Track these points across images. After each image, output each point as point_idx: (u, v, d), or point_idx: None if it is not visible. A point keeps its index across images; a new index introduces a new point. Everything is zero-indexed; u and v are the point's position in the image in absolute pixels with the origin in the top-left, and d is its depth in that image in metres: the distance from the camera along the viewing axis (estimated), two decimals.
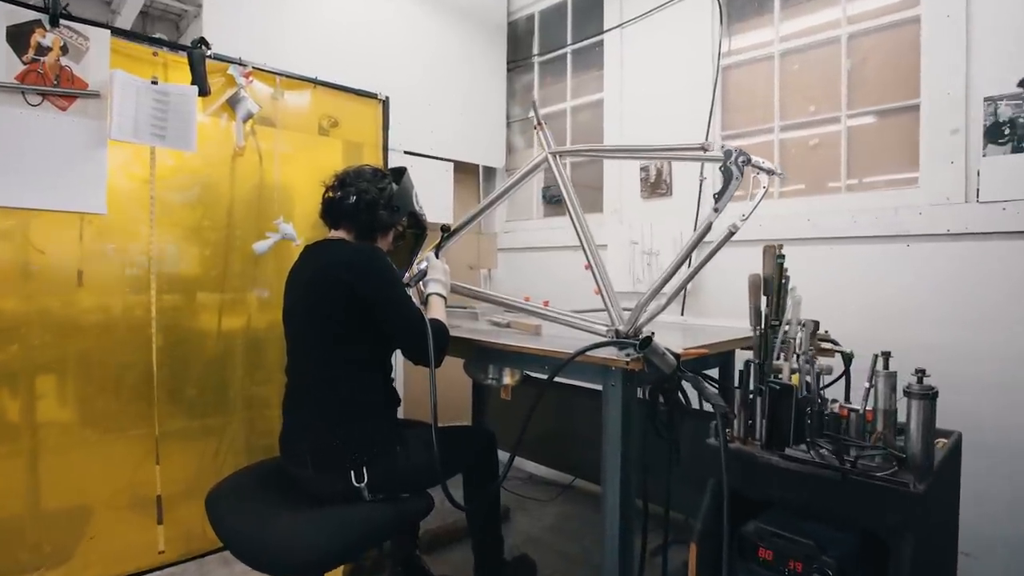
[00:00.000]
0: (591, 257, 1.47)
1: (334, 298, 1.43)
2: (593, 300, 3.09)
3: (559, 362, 1.36)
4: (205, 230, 2.24)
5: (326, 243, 1.57)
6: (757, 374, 1.21)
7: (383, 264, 1.46)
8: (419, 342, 1.44)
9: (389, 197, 1.59)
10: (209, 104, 2.25)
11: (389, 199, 1.59)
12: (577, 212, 1.51)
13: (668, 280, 1.37)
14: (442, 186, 3.06)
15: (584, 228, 1.50)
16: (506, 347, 1.50)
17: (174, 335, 2.15)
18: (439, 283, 1.71)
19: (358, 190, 1.55)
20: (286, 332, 1.58)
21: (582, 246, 1.50)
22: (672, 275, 1.36)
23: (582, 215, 1.52)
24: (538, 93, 3.45)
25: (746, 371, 1.23)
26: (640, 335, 1.41)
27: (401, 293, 1.47)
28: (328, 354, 1.45)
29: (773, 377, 1.19)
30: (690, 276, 1.40)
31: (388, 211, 1.59)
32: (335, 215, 1.59)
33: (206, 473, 2.24)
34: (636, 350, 1.19)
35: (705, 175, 2.61)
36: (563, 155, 1.53)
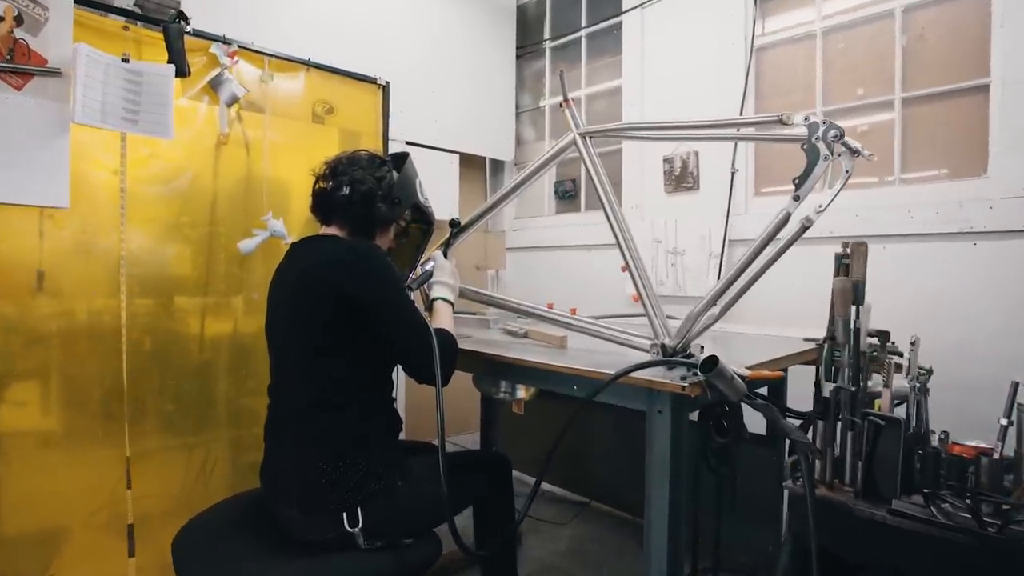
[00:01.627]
0: (630, 257, 1.24)
1: (321, 304, 1.20)
2: (612, 305, 2.87)
3: (595, 383, 1.13)
4: (184, 227, 2.01)
5: (314, 240, 1.35)
6: (849, 403, 0.97)
7: (380, 263, 1.23)
8: (423, 357, 1.22)
9: (388, 187, 1.36)
10: (189, 87, 2.02)
11: (389, 189, 1.36)
12: (611, 204, 1.28)
13: (732, 284, 1.13)
14: (447, 180, 2.83)
15: (621, 223, 1.27)
16: (530, 364, 1.27)
17: (148, 344, 1.92)
18: (446, 286, 1.48)
19: (352, 180, 1.32)
20: (269, 345, 1.35)
21: (618, 244, 1.27)
22: (737, 278, 1.13)
23: (617, 207, 1.28)
24: (549, 81, 3.22)
25: (835, 399, 1.00)
26: (690, 351, 1.18)
27: (401, 298, 1.24)
28: (315, 371, 1.23)
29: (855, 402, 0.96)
30: (754, 278, 1.16)
31: (387, 203, 1.36)
32: (326, 209, 1.37)
33: (188, 497, 2.01)
34: (697, 373, 0.96)
35: (737, 166, 2.38)
36: (593, 136, 1.30)
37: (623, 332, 1.26)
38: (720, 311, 1.15)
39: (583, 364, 1.21)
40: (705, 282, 2.45)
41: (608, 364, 1.26)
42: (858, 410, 0.94)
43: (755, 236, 2.38)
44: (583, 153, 1.31)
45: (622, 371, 1.04)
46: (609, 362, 1.28)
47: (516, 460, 2.71)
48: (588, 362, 1.25)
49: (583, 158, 1.31)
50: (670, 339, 1.18)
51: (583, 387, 1.23)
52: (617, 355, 1.33)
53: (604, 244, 2.84)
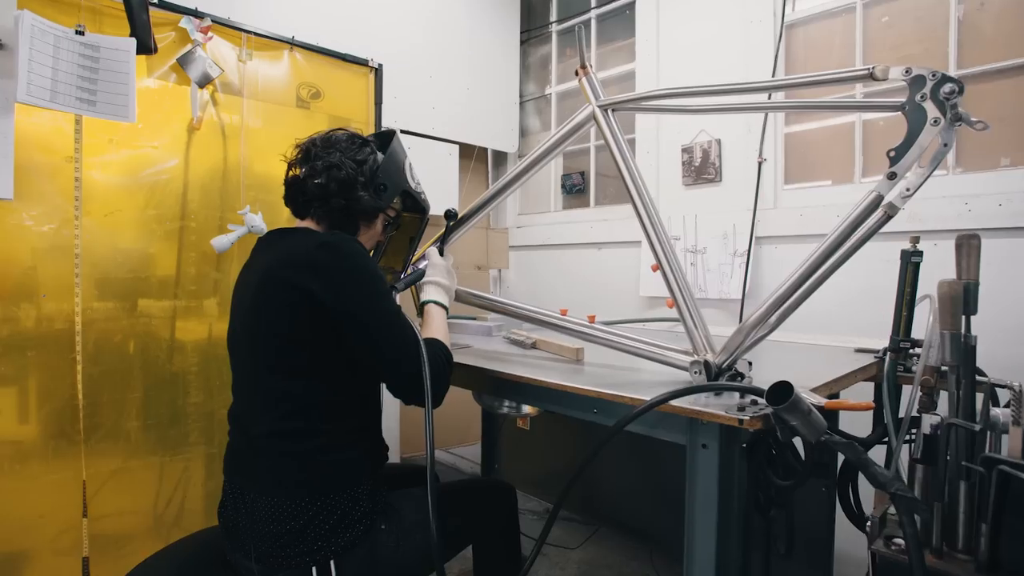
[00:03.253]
0: (663, 255, 1.02)
1: (286, 313, 0.99)
2: (626, 308, 2.65)
3: (625, 409, 0.92)
4: (150, 221, 1.79)
5: (283, 233, 1.13)
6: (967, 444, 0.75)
7: (358, 261, 1.02)
8: (409, 375, 1.00)
9: (372, 172, 1.15)
10: (156, 65, 1.81)
11: (372, 174, 1.15)
12: (641, 190, 1.06)
13: (800, 286, 0.91)
14: (445, 172, 2.61)
15: (652, 214, 1.05)
16: (541, 383, 1.05)
17: (108, 353, 1.70)
18: (440, 288, 1.26)
19: (327, 165, 1.11)
20: (231, 361, 1.14)
21: (649, 240, 1.05)
22: (807, 279, 0.91)
23: (647, 194, 1.06)
24: (556, 68, 3.00)
25: (945, 438, 0.78)
26: (736, 369, 0.96)
27: (384, 304, 1.03)
28: (280, 393, 1.01)
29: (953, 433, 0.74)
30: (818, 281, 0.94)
31: (371, 191, 1.14)
32: (300, 200, 1.15)
33: (157, 524, 1.81)
34: (764, 403, 0.74)
35: (765, 156, 2.15)
36: (617, 108, 1.08)
37: (657, 346, 1.04)
38: (776, 320, 0.93)
39: (607, 385, 0.99)
40: (729, 283, 2.23)
41: (636, 383, 1.04)
42: (978, 454, 0.72)
43: (786, 233, 2.20)
44: (604, 129, 1.09)
45: (662, 397, 0.82)
46: (637, 381, 1.07)
47: (520, 478, 2.50)
48: (612, 382, 1.03)
49: (604, 135, 1.09)
50: (713, 354, 0.96)
51: (607, 412, 1.01)
52: (646, 372, 1.11)
53: (616, 242, 2.62)
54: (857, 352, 1.40)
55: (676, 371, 1.04)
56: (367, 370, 1.05)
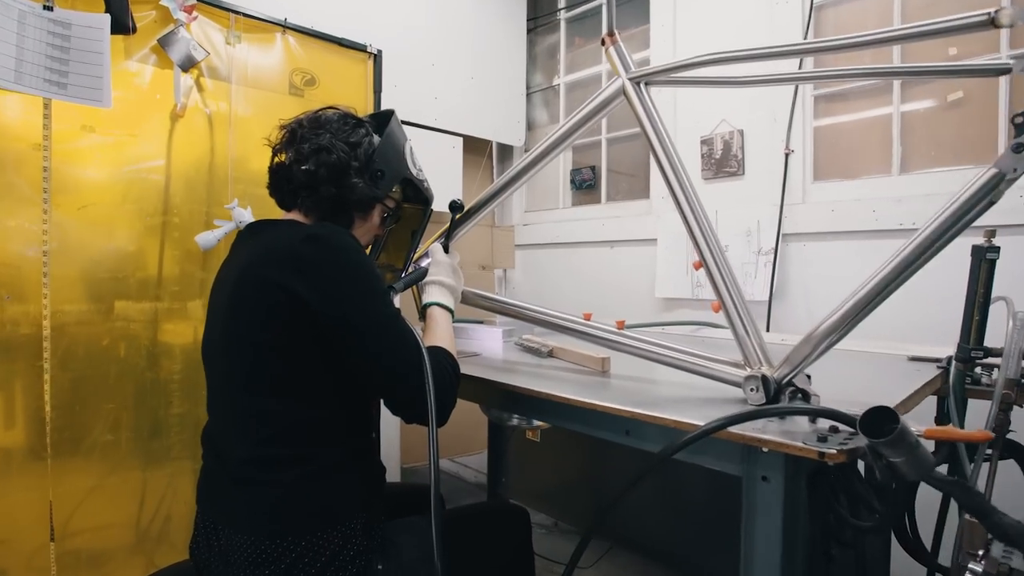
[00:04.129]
0: (709, 251, 0.87)
1: (265, 316, 0.85)
2: (641, 310, 2.49)
3: (665, 432, 0.77)
4: (129, 216, 1.65)
5: (265, 226, 0.99)
6: None
7: (350, 256, 0.88)
8: (410, 390, 0.86)
9: (367, 156, 1.00)
10: (136, 47, 1.66)
11: (367, 159, 1.00)
12: (681, 178, 0.91)
13: (888, 287, 0.76)
14: (449, 166, 2.47)
15: (694, 203, 0.90)
16: (564, 400, 0.90)
17: (79, 360, 1.56)
18: (444, 289, 1.11)
19: (316, 148, 0.96)
20: (206, 373, 0.99)
21: (691, 233, 0.90)
22: (897, 277, 0.76)
23: (687, 181, 0.92)
24: (564, 57, 2.85)
25: None
26: (795, 386, 0.81)
27: (381, 307, 0.88)
28: (260, 412, 0.86)
29: None
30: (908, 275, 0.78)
31: (367, 178, 1.00)
32: (285, 188, 1.00)
33: (136, 548, 1.66)
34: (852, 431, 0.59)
35: (792, 147, 2.00)
36: (653, 81, 0.93)
37: (701, 357, 0.89)
38: (843, 328, 0.78)
39: (643, 403, 0.85)
40: (753, 284, 2.08)
41: (676, 401, 0.90)
42: None
43: (816, 229, 2.05)
44: (636, 106, 0.94)
45: (721, 423, 0.67)
46: (677, 398, 0.92)
47: (529, 491, 2.36)
48: (648, 399, 0.89)
49: (637, 114, 0.94)
50: (770, 367, 0.81)
51: (641, 434, 0.87)
52: (684, 386, 0.97)
53: (629, 240, 2.47)
54: (912, 361, 1.25)
55: (723, 387, 0.89)
56: (361, 384, 0.90)
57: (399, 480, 2.38)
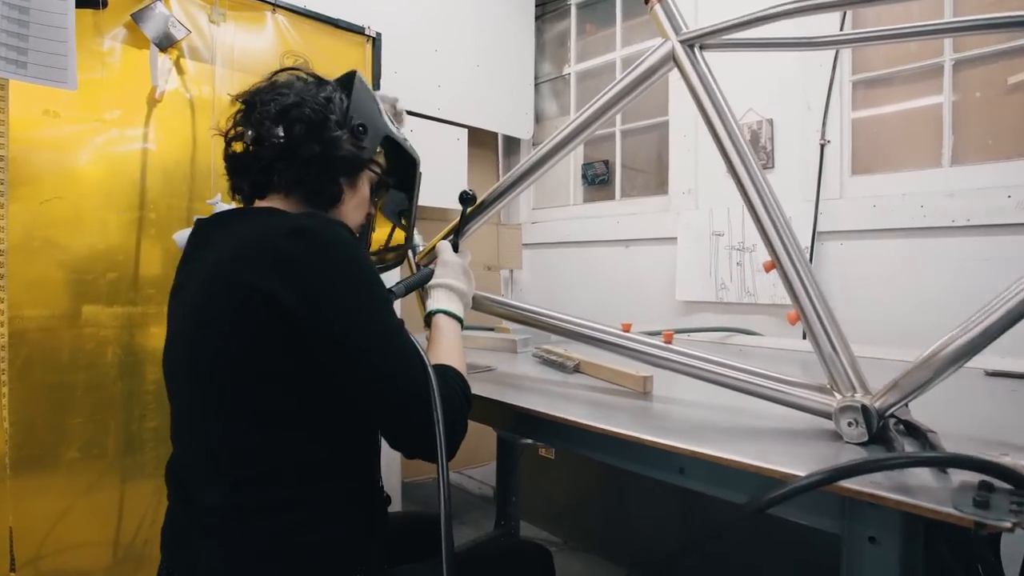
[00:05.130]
0: (783, 249, 0.71)
1: (240, 330, 0.68)
2: (661, 313, 2.31)
3: (738, 476, 0.61)
4: (100, 211, 1.48)
5: (236, 216, 0.82)
6: None
7: (345, 254, 0.71)
8: (413, 417, 0.70)
9: (343, 110, 0.84)
10: (108, 23, 1.50)
11: (345, 114, 0.84)
12: (747, 160, 0.74)
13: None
14: (454, 159, 2.30)
15: (765, 193, 0.74)
16: (602, 431, 0.73)
17: (42, 370, 1.39)
18: (452, 294, 0.95)
19: (285, 107, 0.79)
20: (168, 395, 0.82)
21: (760, 226, 0.74)
22: None
23: (755, 165, 0.75)
24: (575, 45, 2.69)
25: None
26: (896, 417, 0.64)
27: (381, 317, 0.72)
28: (237, 447, 0.70)
29: None
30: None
31: (349, 134, 0.84)
32: (254, 169, 0.82)
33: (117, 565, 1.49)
34: None
35: (828, 137, 1.84)
36: (709, 45, 0.76)
37: (776, 380, 0.72)
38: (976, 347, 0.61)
39: (708, 439, 0.68)
40: None
41: (744, 432, 0.73)
42: None
43: (855, 227, 1.88)
44: (690, 74, 0.77)
45: (829, 474, 0.50)
46: (743, 428, 0.75)
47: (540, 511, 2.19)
48: (707, 431, 0.72)
49: (691, 83, 0.78)
50: (866, 394, 0.65)
51: (699, 475, 0.70)
52: (747, 413, 0.80)
53: (647, 238, 2.31)
54: (991, 376, 1.08)
55: (798, 415, 0.72)
56: (355, 409, 0.74)
57: (400, 496, 2.21)
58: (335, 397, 0.71)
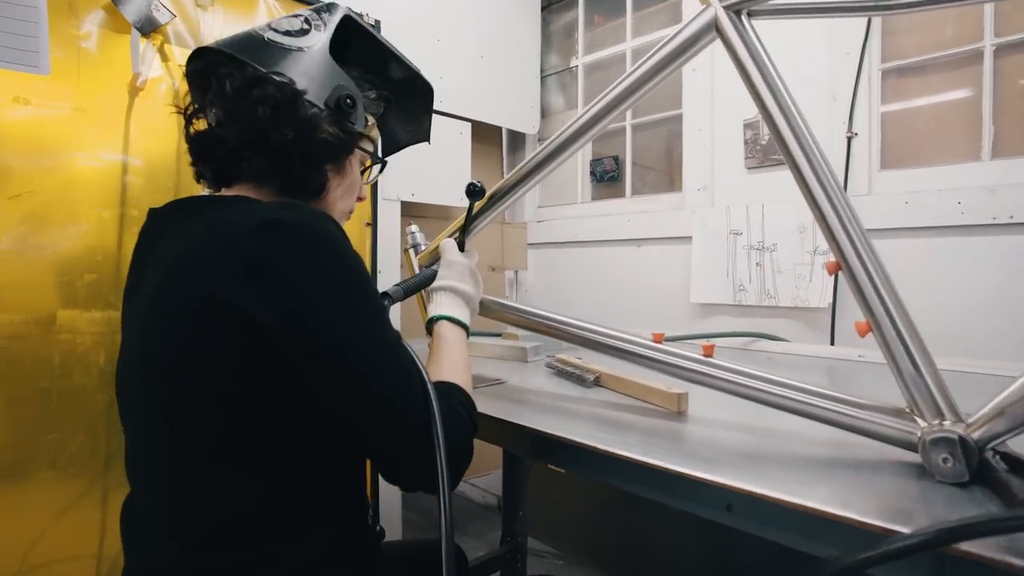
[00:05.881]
0: (852, 248, 0.60)
1: (204, 352, 0.58)
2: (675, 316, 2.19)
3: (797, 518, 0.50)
4: (76, 208, 1.38)
5: (197, 206, 0.69)
6: None
7: (332, 254, 0.60)
8: (409, 446, 0.60)
9: (325, 74, 0.71)
10: (84, 4, 1.39)
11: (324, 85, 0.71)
12: (805, 142, 0.63)
13: None
14: (456, 154, 2.19)
15: (827, 180, 0.62)
16: (638, 463, 0.62)
17: (9, 382, 1.28)
18: (457, 298, 0.84)
19: (241, 85, 0.67)
20: (122, 422, 0.71)
21: (822, 219, 0.62)
22: None
23: (815, 148, 0.64)
24: (583, 36, 2.58)
25: None
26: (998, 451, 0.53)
27: (374, 328, 0.61)
28: (198, 489, 0.58)
29: None
30: None
31: (331, 112, 0.71)
32: (220, 153, 0.70)
33: None
34: None
35: (856, 129, 1.73)
36: (758, 11, 0.65)
37: (842, 402, 0.61)
38: None
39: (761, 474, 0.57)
40: (807, 288, 1.80)
41: (803, 462, 0.62)
42: None
43: (886, 224, 1.76)
44: (736, 43, 0.66)
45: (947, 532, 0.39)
46: (800, 457, 0.64)
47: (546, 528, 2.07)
48: (758, 461, 0.62)
49: (736, 53, 0.67)
50: (957, 420, 0.54)
51: (752, 513, 0.59)
52: (800, 439, 0.69)
53: (659, 237, 2.20)
54: None
55: (865, 442, 0.61)
56: (340, 439, 0.63)
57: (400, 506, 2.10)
58: (317, 427, 0.60)
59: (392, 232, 1.93)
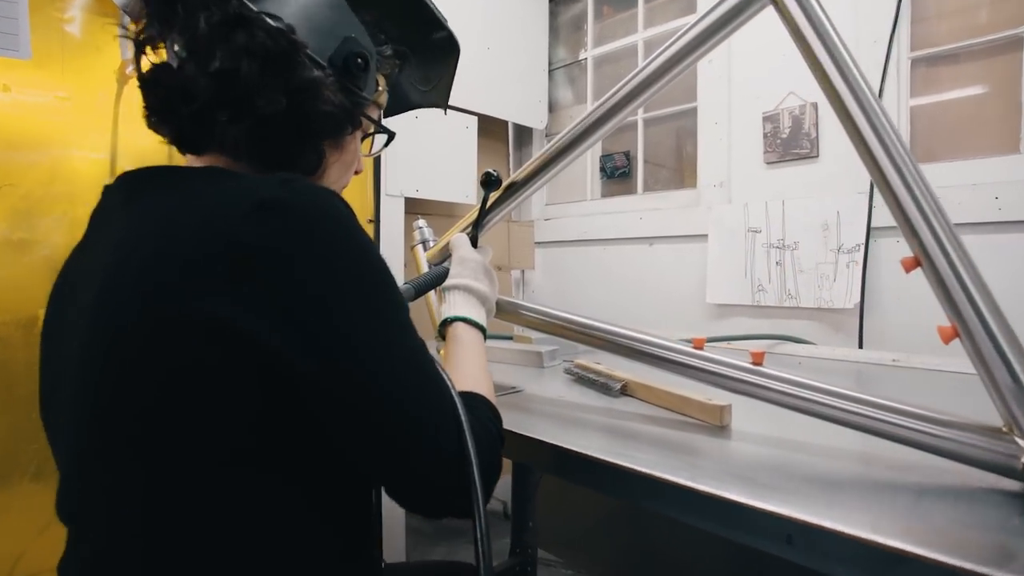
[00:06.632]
0: (936, 244, 0.52)
1: (177, 381, 0.45)
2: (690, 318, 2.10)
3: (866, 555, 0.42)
4: (60, 202, 1.29)
5: (159, 180, 0.55)
6: None
7: (345, 242, 0.48)
8: (435, 465, 0.50)
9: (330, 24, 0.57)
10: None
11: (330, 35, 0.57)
12: (877, 121, 0.55)
13: None
14: (463, 149, 2.11)
15: (909, 168, 0.54)
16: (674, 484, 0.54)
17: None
18: (472, 297, 0.76)
19: (222, 21, 0.50)
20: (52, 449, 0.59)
21: (899, 211, 0.54)
22: None
23: (893, 132, 0.56)
24: (592, 28, 2.49)
25: None
26: None
27: (399, 335, 0.51)
28: (172, 529, 0.47)
29: None
30: None
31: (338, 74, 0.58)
32: (184, 113, 0.54)
33: None
34: None
35: None
36: None
37: (917, 418, 0.53)
38: None
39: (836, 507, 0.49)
40: (831, 288, 1.72)
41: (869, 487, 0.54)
42: None
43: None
44: (792, 9, 0.58)
45: None
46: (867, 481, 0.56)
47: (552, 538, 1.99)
48: (823, 486, 0.54)
49: (793, 21, 0.58)
50: None
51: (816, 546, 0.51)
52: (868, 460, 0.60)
53: (673, 236, 2.11)
54: None
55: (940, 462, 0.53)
56: (353, 474, 0.54)
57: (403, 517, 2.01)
58: (314, 452, 0.50)
59: (395, 229, 1.85)
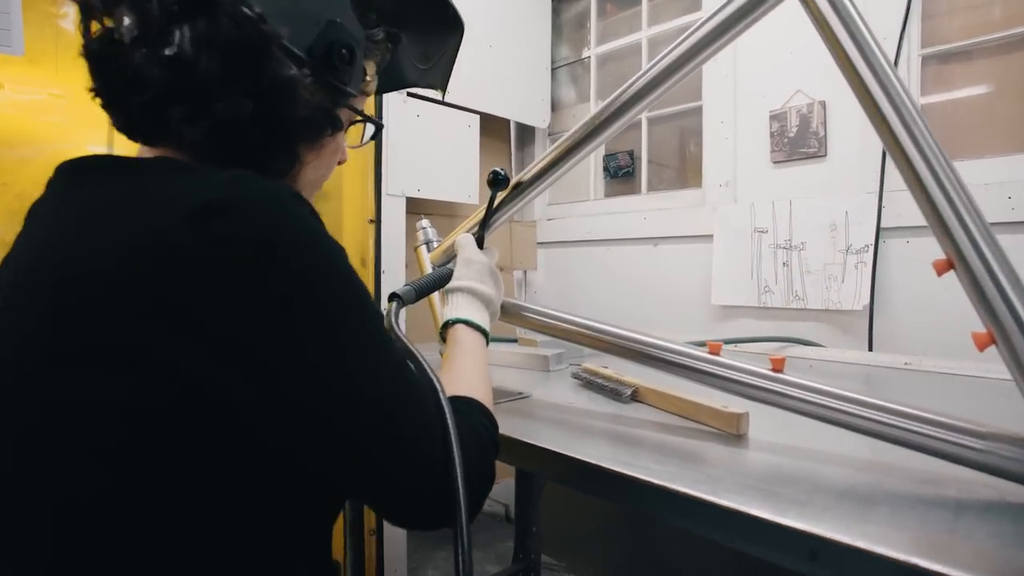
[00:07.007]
0: (970, 244, 0.49)
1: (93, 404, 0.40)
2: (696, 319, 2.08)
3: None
4: None
5: (98, 174, 0.49)
6: None
7: (310, 249, 0.43)
8: (415, 477, 0.46)
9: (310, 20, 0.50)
10: None
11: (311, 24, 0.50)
12: (911, 118, 0.52)
13: None
14: (464, 149, 2.08)
15: (943, 166, 0.51)
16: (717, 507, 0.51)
17: None
18: (475, 300, 0.73)
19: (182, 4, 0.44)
20: None
21: (931, 207, 0.52)
22: None
23: (926, 128, 0.53)
24: (595, 26, 2.47)
25: None
26: None
27: (369, 356, 0.46)
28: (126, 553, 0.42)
29: None
30: None
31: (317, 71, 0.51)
32: (137, 106, 0.47)
33: None
34: None
35: None
36: None
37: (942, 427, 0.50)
38: None
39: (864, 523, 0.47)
40: (839, 290, 1.69)
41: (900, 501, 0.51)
42: None
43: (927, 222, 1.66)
44: (818, 5, 0.55)
45: None
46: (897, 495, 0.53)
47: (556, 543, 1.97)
48: (849, 499, 0.51)
49: (817, 11, 0.56)
50: None
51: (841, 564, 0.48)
52: (893, 472, 0.58)
53: (678, 236, 2.09)
54: None
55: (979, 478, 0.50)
56: (321, 487, 0.50)
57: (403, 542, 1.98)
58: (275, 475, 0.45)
59: (396, 229, 1.83)
